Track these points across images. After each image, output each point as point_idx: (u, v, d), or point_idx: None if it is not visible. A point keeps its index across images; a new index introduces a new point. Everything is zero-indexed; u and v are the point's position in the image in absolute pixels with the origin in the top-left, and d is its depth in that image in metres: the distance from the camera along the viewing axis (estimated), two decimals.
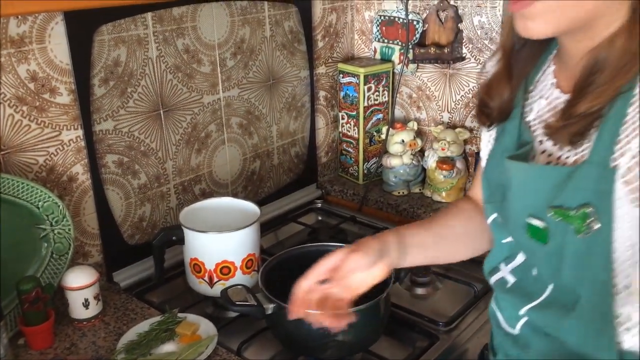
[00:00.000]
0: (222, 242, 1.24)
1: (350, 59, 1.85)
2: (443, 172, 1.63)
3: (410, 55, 1.71)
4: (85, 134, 1.23)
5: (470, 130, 1.66)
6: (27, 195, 1.11)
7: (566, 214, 0.68)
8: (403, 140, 1.69)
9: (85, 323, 1.18)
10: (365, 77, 1.71)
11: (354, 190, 1.78)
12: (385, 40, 1.78)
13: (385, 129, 1.73)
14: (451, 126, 1.71)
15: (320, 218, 1.75)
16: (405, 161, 1.70)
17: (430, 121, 1.78)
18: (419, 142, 1.71)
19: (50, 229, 1.15)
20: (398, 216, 1.66)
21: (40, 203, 1.13)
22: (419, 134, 1.75)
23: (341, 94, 1.78)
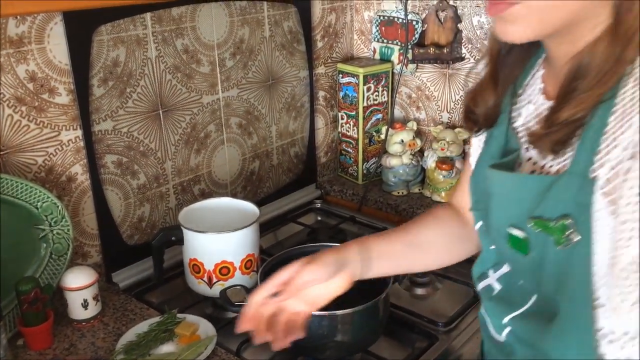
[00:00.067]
0: (221, 243, 1.24)
1: (349, 59, 1.85)
2: (442, 172, 1.63)
3: (410, 56, 1.71)
4: (84, 134, 1.23)
5: None
6: (26, 195, 1.11)
7: (546, 225, 0.67)
8: (402, 140, 1.69)
9: (84, 324, 1.17)
10: (365, 77, 1.71)
11: (354, 191, 1.78)
12: (385, 41, 1.78)
13: (384, 129, 1.73)
14: (450, 126, 1.71)
15: (319, 218, 1.75)
16: (405, 161, 1.70)
17: (430, 121, 1.78)
18: (419, 142, 1.71)
19: (49, 230, 1.15)
20: (397, 216, 1.66)
21: (39, 203, 1.13)
22: (419, 134, 1.75)
23: (340, 94, 1.78)
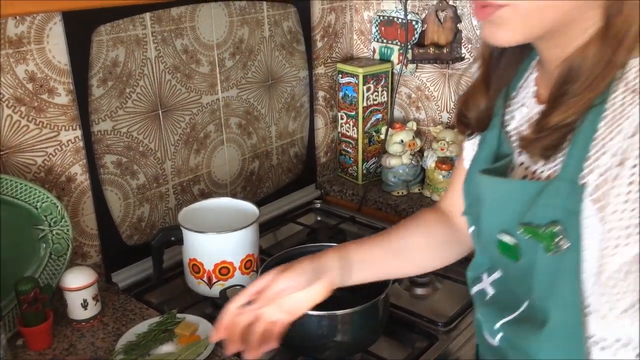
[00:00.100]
0: (221, 243, 1.24)
1: (349, 59, 1.85)
2: (442, 172, 1.63)
3: (409, 56, 1.71)
4: (83, 134, 1.23)
5: None
6: (26, 195, 1.11)
7: (535, 231, 0.66)
8: (402, 141, 1.69)
9: (83, 324, 1.17)
10: (364, 77, 1.71)
11: (353, 191, 1.77)
12: (384, 41, 1.78)
13: (384, 129, 1.73)
14: (450, 126, 1.71)
15: (319, 218, 1.74)
16: (405, 161, 1.70)
17: (430, 121, 1.78)
18: (418, 142, 1.71)
19: (48, 230, 1.15)
20: (397, 216, 1.66)
21: (38, 204, 1.12)
22: (418, 134, 1.75)
23: (340, 94, 1.78)
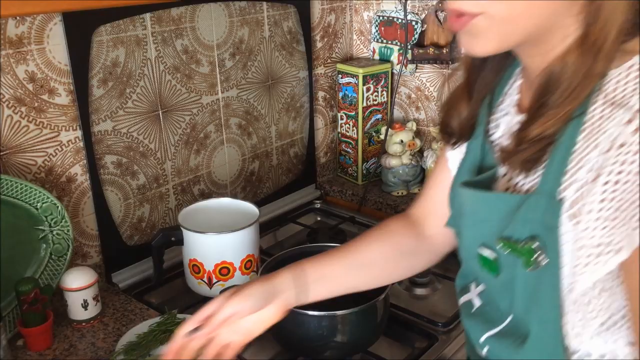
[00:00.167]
0: (221, 243, 1.24)
1: (349, 59, 1.85)
2: None
3: (409, 56, 1.71)
4: (84, 134, 1.23)
5: None
6: (26, 196, 1.11)
7: (514, 246, 0.65)
8: (402, 141, 1.69)
9: (84, 324, 1.17)
10: (364, 78, 1.71)
11: (353, 191, 1.78)
12: (384, 41, 1.78)
13: (384, 129, 1.73)
14: None
15: (319, 218, 1.75)
16: (405, 161, 1.70)
17: (429, 121, 1.78)
18: (418, 143, 1.71)
19: (49, 230, 1.15)
20: None
21: (39, 204, 1.13)
22: (418, 134, 1.75)
23: (340, 95, 1.78)
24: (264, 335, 1.15)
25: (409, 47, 1.70)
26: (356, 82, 1.71)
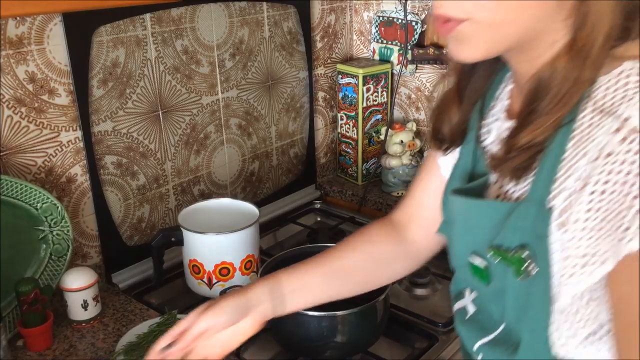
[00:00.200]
0: (221, 243, 1.24)
1: (349, 59, 1.85)
2: None
3: (409, 56, 1.71)
4: (84, 135, 1.23)
5: None
6: (26, 196, 1.11)
7: (505, 255, 0.64)
8: (402, 141, 1.69)
9: (84, 324, 1.17)
10: (364, 78, 1.71)
11: (353, 191, 1.78)
12: (384, 41, 1.78)
13: (384, 130, 1.73)
14: None
15: (319, 219, 1.75)
16: (405, 162, 1.70)
17: (429, 122, 1.78)
18: (418, 143, 1.71)
19: (49, 231, 1.15)
20: None
21: (39, 204, 1.13)
22: (418, 134, 1.75)
23: (340, 95, 1.78)
24: (264, 335, 1.15)
25: (409, 48, 1.70)
26: (356, 83, 1.71)
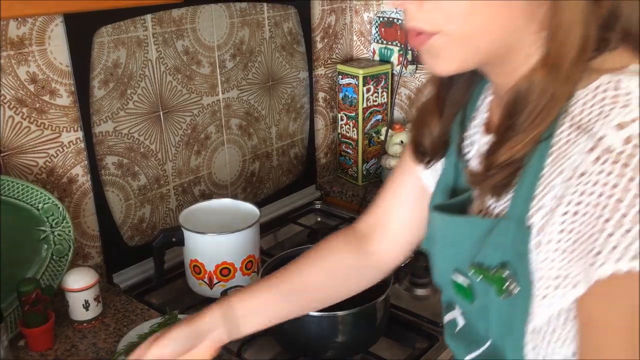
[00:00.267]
0: (222, 244, 1.25)
1: (349, 60, 1.86)
2: None
3: (409, 57, 1.71)
4: (85, 135, 1.24)
5: None
6: (27, 197, 1.11)
7: (486, 273, 0.63)
8: (402, 142, 1.69)
9: (85, 325, 1.18)
10: (364, 79, 1.71)
11: (353, 192, 1.78)
12: (384, 42, 1.78)
13: (384, 130, 1.73)
14: None
15: (319, 219, 1.75)
16: None
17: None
18: None
19: (50, 231, 1.15)
20: None
21: (40, 205, 1.13)
22: None
23: (340, 95, 1.79)
24: (265, 336, 1.16)
25: (409, 48, 1.70)
26: (356, 83, 1.72)
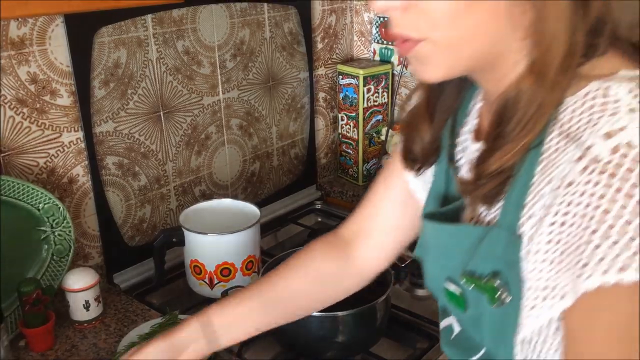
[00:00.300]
0: (222, 244, 1.25)
1: (349, 60, 1.86)
2: None
3: None
4: (85, 135, 1.24)
5: None
6: (28, 197, 1.11)
7: (478, 282, 0.62)
8: None
9: (85, 325, 1.18)
10: (365, 79, 1.71)
11: (354, 192, 1.78)
12: (385, 42, 1.78)
13: (384, 130, 1.73)
14: None
15: (320, 219, 1.75)
16: None
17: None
18: None
19: (50, 231, 1.15)
20: None
21: (40, 205, 1.13)
22: None
23: (341, 95, 1.79)
24: (265, 336, 1.16)
25: None
26: (357, 83, 1.72)
